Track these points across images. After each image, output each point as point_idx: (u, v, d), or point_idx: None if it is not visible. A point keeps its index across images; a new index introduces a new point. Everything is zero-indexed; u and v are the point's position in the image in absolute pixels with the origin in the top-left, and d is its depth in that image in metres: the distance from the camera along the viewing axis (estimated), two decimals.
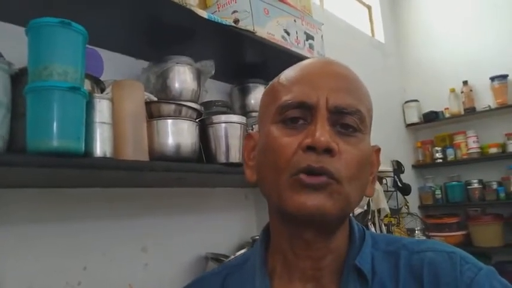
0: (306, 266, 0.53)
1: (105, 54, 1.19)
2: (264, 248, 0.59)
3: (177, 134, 1.03)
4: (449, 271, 0.49)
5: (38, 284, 1.02)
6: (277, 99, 0.53)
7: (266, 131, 0.53)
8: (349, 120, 0.50)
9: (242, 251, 1.36)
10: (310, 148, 0.47)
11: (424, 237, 2.82)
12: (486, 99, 3.10)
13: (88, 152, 0.85)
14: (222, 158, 1.17)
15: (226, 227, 1.59)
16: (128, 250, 1.24)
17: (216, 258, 1.39)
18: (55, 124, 0.77)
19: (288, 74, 0.55)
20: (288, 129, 0.50)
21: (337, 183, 0.48)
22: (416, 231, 2.81)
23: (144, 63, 1.34)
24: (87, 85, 0.95)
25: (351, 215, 0.56)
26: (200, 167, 1.09)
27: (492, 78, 3.04)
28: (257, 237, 1.62)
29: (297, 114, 0.50)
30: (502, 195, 2.95)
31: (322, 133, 0.47)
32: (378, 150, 0.58)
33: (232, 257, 1.35)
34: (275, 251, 0.57)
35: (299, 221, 0.49)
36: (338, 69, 0.54)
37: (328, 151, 0.47)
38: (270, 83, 0.58)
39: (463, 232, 3.04)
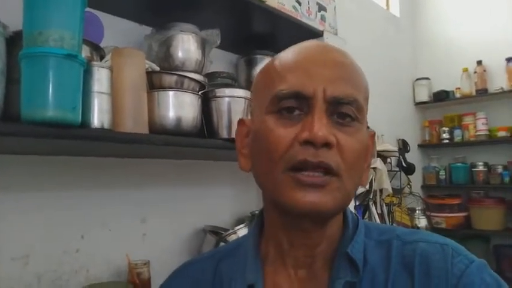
0: (299, 253, 0.53)
1: (105, 18, 1.14)
2: (257, 233, 0.58)
3: (179, 106, 1.00)
4: (440, 263, 0.49)
5: (36, 251, 1.02)
6: (271, 86, 0.50)
7: (260, 120, 0.51)
8: (347, 109, 0.48)
9: (241, 226, 1.36)
10: (308, 142, 0.46)
11: (424, 217, 2.83)
12: (500, 80, 3.00)
13: (85, 123, 0.82)
14: (224, 133, 1.14)
15: (226, 201, 1.59)
16: (127, 220, 1.24)
17: (214, 231, 1.39)
18: (50, 93, 0.73)
19: (283, 59, 0.52)
20: (284, 119, 0.49)
21: (337, 179, 0.47)
22: (417, 211, 2.82)
23: (147, 30, 1.29)
24: (85, 51, 0.91)
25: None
26: (201, 142, 1.06)
27: (508, 59, 2.94)
28: (257, 211, 1.62)
29: (292, 104, 0.48)
30: (507, 179, 2.91)
31: (320, 127, 0.46)
32: (372, 135, 0.57)
33: (231, 230, 1.35)
34: (268, 237, 0.57)
35: (295, 215, 0.49)
36: (335, 56, 0.51)
37: (327, 145, 0.46)
38: (266, 64, 0.56)
39: (464, 214, 3.04)
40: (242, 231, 1.33)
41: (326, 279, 0.52)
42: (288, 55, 0.53)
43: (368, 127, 0.55)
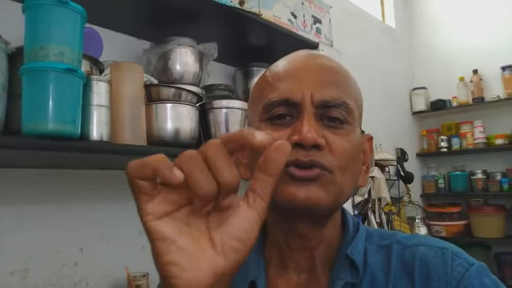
0: (299, 257, 0.53)
1: (105, 33, 1.16)
2: (261, 238, 0.59)
3: (176, 118, 1.02)
4: (440, 266, 0.49)
5: (35, 264, 1.03)
6: (263, 96, 0.52)
7: (255, 128, 0.52)
8: (336, 113, 0.49)
9: None
10: (298, 145, 0.47)
11: (424, 226, 2.83)
12: (496, 89, 3.04)
13: (84, 136, 0.84)
14: None
15: None
16: (125, 232, 1.24)
17: None
18: (50, 106, 0.75)
19: (273, 70, 0.54)
20: (275, 125, 0.50)
21: (330, 174, 0.48)
22: (417, 220, 2.81)
23: (146, 44, 1.31)
24: (85, 66, 0.93)
25: (352, 202, 0.56)
26: None
27: (503, 68, 2.98)
28: None
29: (283, 111, 0.50)
30: (506, 186, 2.92)
31: (309, 129, 0.46)
32: (370, 139, 0.58)
33: None
34: (271, 242, 0.57)
35: (291, 213, 0.49)
36: (322, 62, 0.53)
37: (316, 147, 0.47)
38: (258, 77, 0.58)
39: (464, 222, 3.03)
40: None
41: (327, 282, 0.52)
42: (277, 65, 0.54)
43: (363, 132, 0.56)
